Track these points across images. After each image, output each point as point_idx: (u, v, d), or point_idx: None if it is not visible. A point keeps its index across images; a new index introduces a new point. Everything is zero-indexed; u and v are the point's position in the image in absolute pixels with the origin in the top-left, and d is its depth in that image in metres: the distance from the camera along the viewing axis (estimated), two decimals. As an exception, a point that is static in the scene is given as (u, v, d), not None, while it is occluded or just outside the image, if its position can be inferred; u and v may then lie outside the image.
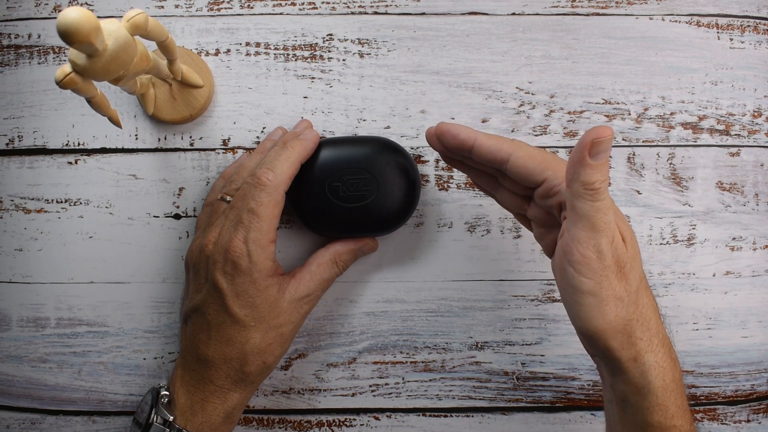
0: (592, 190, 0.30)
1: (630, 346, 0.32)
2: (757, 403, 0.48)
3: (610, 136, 0.29)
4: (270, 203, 0.39)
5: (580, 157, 0.30)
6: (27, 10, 0.47)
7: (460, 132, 0.35)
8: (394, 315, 0.47)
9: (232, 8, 0.47)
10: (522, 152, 0.34)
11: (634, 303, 0.32)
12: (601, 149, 0.29)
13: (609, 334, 0.32)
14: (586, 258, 0.31)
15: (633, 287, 0.32)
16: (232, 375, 0.39)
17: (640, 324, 0.32)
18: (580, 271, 0.32)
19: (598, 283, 0.31)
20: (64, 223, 0.47)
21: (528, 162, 0.34)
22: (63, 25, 0.27)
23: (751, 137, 0.47)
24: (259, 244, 0.39)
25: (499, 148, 0.35)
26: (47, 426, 0.47)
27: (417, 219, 0.47)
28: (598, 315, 0.32)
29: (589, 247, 0.31)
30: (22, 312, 0.47)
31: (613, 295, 0.32)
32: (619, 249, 0.32)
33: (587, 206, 0.31)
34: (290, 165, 0.40)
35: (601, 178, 0.30)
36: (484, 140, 0.35)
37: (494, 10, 0.47)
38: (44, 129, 0.47)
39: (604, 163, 0.30)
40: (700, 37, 0.47)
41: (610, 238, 0.31)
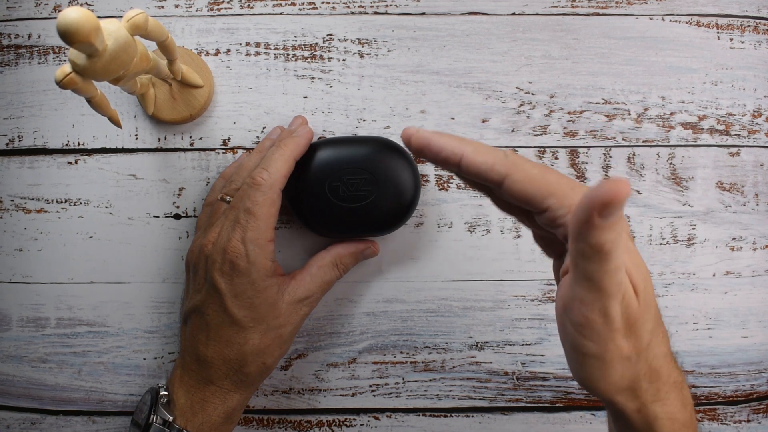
0: (601, 252, 0.25)
1: (634, 400, 0.29)
2: (757, 403, 0.48)
3: (627, 194, 0.22)
4: (266, 202, 0.39)
5: (588, 217, 0.24)
6: (27, 10, 0.47)
7: (444, 147, 0.29)
8: (394, 315, 0.47)
9: (232, 8, 0.47)
10: (519, 174, 0.28)
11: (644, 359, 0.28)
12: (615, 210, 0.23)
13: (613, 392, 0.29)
14: (590, 321, 0.27)
15: (644, 343, 0.28)
16: (231, 375, 0.39)
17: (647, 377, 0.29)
18: (582, 333, 0.27)
19: (602, 347, 0.27)
20: (64, 223, 0.47)
21: (527, 187, 0.28)
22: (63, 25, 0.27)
23: (751, 137, 0.47)
24: (257, 243, 0.39)
25: (490, 168, 0.28)
26: (47, 426, 0.47)
27: (417, 219, 0.47)
28: (601, 378, 0.28)
29: (594, 311, 0.26)
30: (22, 312, 0.47)
31: (619, 356, 0.28)
32: (630, 307, 0.27)
33: (594, 268, 0.25)
34: (284, 163, 0.40)
35: (612, 237, 0.24)
36: (473, 156, 0.28)
37: (494, 10, 0.47)
38: (44, 129, 0.47)
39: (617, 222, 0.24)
40: (700, 37, 0.47)
41: (619, 299, 0.26)
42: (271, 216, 0.39)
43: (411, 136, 0.29)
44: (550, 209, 0.28)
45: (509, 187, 0.28)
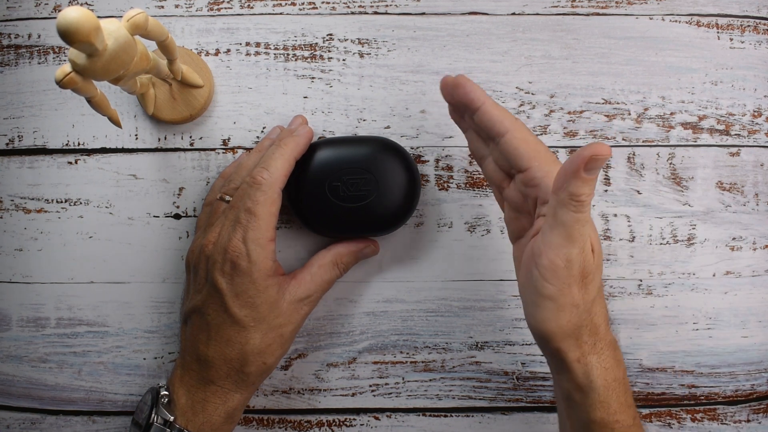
0: (578, 201, 0.31)
1: (576, 348, 0.34)
2: (757, 403, 0.48)
3: (607, 155, 0.29)
4: (266, 202, 0.39)
5: (575, 168, 0.30)
6: (27, 10, 0.47)
7: (473, 90, 0.36)
8: (394, 315, 0.47)
9: (232, 8, 0.47)
10: (519, 133, 0.35)
11: (588, 311, 0.34)
12: (597, 165, 0.30)
13: (559, 337, 0.33)
14: (555, 265, 0.32)
15: (590, 296, 0.33)
16: (232, 375, 0.39)
17: (588, 329, 0.34)
18: (545, 276, 0.33)
19: (559, 290, 0.32)
20: (64, 223, 0.47)
21: (520, 145, 0.34)
22: (63, 24, 0.27)
23: (751, 137, 0.47)
24: (258, 243, 0.39)
25: (500, 121, 0.35)
26: (47, 426, 0.47)
27: (417, 219, 0.47)
28: (552, 319, 0.33)
29: (559, 255, 0.32)
30: (22, 312, 0.47)
31: (571, 302, 0.33)
32: (587, 260, 0.33)
33: (569, 216, 0.31)
34: (284, 162, 0.40)
35: (588, 191, 0.31)
36: (491, 107, 0.35)
37: (494, 10, 0.47)
38: (44, 129, 0.47)
39: (594, 178, 0.30)
40: (700, 37, 0.47)
41: (581, 248, 0.32)
42: (272, 215, 0.39)
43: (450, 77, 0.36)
44: (531, 169, 0.34)
45: (507, 139, 0.35)
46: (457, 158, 0.47)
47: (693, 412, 0.48)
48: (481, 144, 0.38)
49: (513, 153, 0.35)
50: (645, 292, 0.47)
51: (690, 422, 0.48)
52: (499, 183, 0.38)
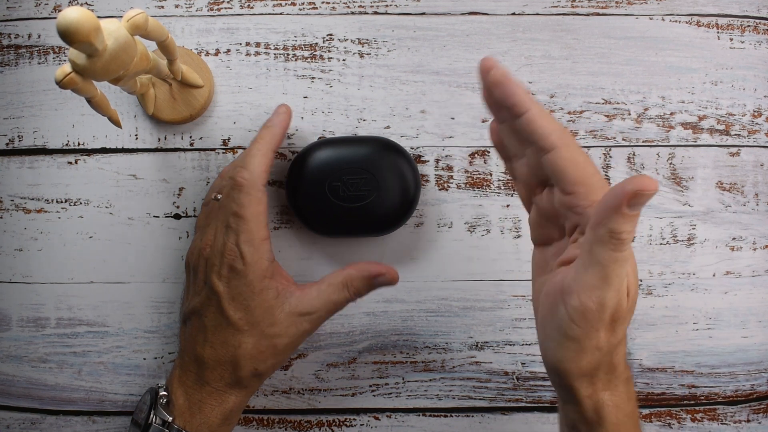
0: (618, 240, 0.28)
1: (589, 386, 0.32)
2: (757, 403, 0.48)
3: (654, 189, 0.26)
4: (251, 203, 0.39)
5: (617, 203, 0.27)
6: (27, 10, 0.47)
7: (516, 93, 0.31)
8: (394, 315, 0.47)
9: (232, 8, 0.47)
10: (567, 152, 0.30)
11: (610, 353, 0.31)
12: (642, 201, 0.26)
13: (575, 376, 0.31)
14: (585, 308, 0.29)
15: (616, 340, 0.31)
16: (226, 378, 0.39)
17: (606, 368, 0.32)
18: (573, 317, 0.30)
19: (585, 334, 0.30)
20: (64, 223, 0.47)
21: (568, 166, 0.30)
22: (63, 25, 0.27)
23: (751, 137, 0.47)
24: (252, 244, 0.39)
25: (548, 135, 0.30)
26: (47, 426, 0.47)
27: (417, 219, 0.47)
28: (572, 360, 0.31)
29: (592, 297, 0.29)
30: (22, 312, 0.47)
31: (595, 345, 0.30)
32: (621, 303, 0.30)
33: (607, 255, 0.28)
34: (262, 157, 0.40)
35: (630, 229, 0.27)
36: (537, 117, 0.31)
37: (494, 10, 0.47)
38: (44, 129, 0.47)
39: (637, 215, 0.27)
40: (700, 37, 0.47)
41: (617, 291, 0.29)
42: (260, 214, 0.39)
43: (491, 68, 0.31)
44: (576, 195, 0.30)
45: (553, 158, 0.31)
46: (457, 158, 0.47)
47: (693, 412, 0.48)
48: (515, 143, 0.34)
49: (558, 174, 0.31)
50: (645, 292, 0.47)
51: (690, 422, 0.48)
52: (528, 184, 0.34)
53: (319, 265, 0.47)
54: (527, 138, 0.32)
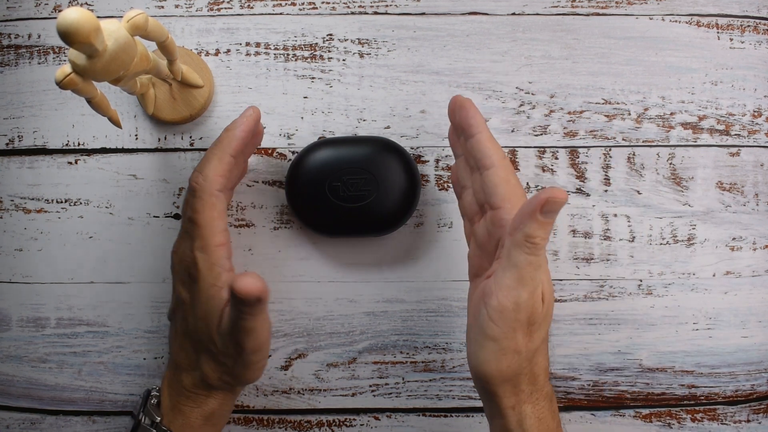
0: (532, 244, 0.31)
1: (512, 395, 0.34)
2: (757, 403, 0.48)
3: (563, 199, 0.29)
4: (204, 208, 0.38)
5: (532, 210, 0.30)
6: (27, 10, 0.47)
7: (474, 116, 0.36)
8: (394, 315, 0.47)
9: (232, 8, 0.47)
10: (503, 172, 0.35)
11: (529, 359, 0.33)
12: (553, 209, 0.30)
13: (497, 381, 0.33)
14: (503, 306, 0.32)
15: (534, 345, 0.33)
16: (197, 382, 0.39)
17: (527, 378, 0.34)
18: (492, 316, 0.32)
19: (504, 333, 0.32)
20: (64, 223, 0.47)
21: (500, 183, 0.35)
22: (63, 25, 0.27)
23: (751, 137, 0.47)
24: (205, 251, 0.38)
25: (489, 154, 0.35)
26: (47, 426, 0.47)
27: (417, 219, 0.47)
28: (493, 361, 0.33)
29: (509, 297, 0.32)
30: (22, 312, 0.47)
31: (513, 347, 0.33)
32: (536, 307, 0.32)
33: (522, 258, 0.31)
34: (218, 162, 0.38)
35: (543, 235, 0.31)
36: (485, 139, 0.36)
37: (494, 10, 0.47)
38: (44, 129, 0.47)
39: (550, 222, 0.30)
40: (700, 37, 0.47)
41: (531, 293, 0.32)
42: (214, 219, 0.38)
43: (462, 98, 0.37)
44: (502, 210, 0.34)
45: (490, 175, 0.35)
46: (457, 158, 0.47)
47: (693, 412, 0.48)
48: (466, 173, 0.38)
49: (491, 189, 0.35)
50: (645, 292, 0.47)
51: (690, 422, 0.48)
52: (471, 216, 0.38)
53: (319, 265, 0.47)
54: (474, 158, 0.36)
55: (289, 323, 0.47)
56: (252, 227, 0.47)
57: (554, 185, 0.47)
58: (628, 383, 0.47)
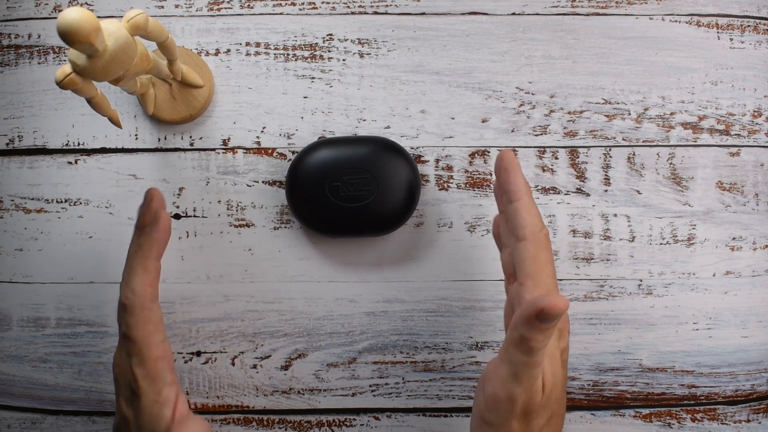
0: (528, 347, 0.30)
1: None
2: (757, 403, 0.48)
3: (562, 310, 0.28)
4: (138, 323, 0.36)
5: (528, 315, 0.29)
6: (27, 10, 0.47)
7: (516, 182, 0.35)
8: (394, 315, 0.47)
9: (232, 8, 0.47)
10: (533, 247, 0.34)
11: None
12: (550, 318, 0.28)
13: None
14: (497, 398, 0.32)
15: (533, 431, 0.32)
16: None
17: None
18: (488, 403, 0.32)
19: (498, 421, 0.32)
20: (64, 223, 0.47)
21: (527, 258, 0.34)
22: (63, 25, 0.27)
23: (751, 137, 0.47)
24: (144, 366, 0.36)
25: (524, 226, 0.34)
26: (47, 426, 0.47)
27: (417, 219, 0.47)
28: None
29: (503, 390, 0.31)
30: (23, 312, 0.47)
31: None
32: (533, 398, 0.31)
33: (518, 357, 0.30)
34: (144, 272, 0.37)
35: (540, 338, 0.29)
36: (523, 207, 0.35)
37: (494, 10, 0.47)
38: (44, 129, 0.47)
39: (549, 328, 0.29)
40: (700, 37, 0.47)
41: (527, 388, 0.31)
42: (149, 334, 0.36)
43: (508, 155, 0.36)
44: (524, 287, 0.33)
45: (519, 249, 0.34)
46: (457, 158, 0.47)
47: (693, 412, 0.48)
48: (505, 232, 0.37)
49: (519, 263, 0.34)
50: (645, 292, 0.47)
51: (690, 422, 0.48)
52: (508, 275, 0.37)
53: (319, 265, 0.47)
54: (510, 224, 0.35)
55: (289, 323, 0.47)
56: (252, 227, 0.47)
57: (554, 183, 0.47)
58: (628, 383, 0.48)
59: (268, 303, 0.47)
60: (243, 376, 0.47)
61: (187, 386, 0.47)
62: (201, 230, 0.47)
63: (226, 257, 0.47)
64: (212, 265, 0.47)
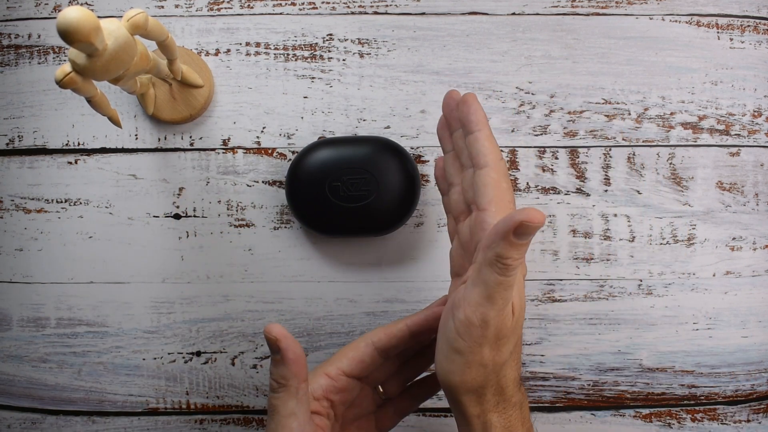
0: (503, 264, 0.29)
1: (477, 405, 0.33)
2: (757, 403, 0.48)
3: (540, 223, 0.28)
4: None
5: (506, 230, 0.28)
6: (27, 10, 0.47)
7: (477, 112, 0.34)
8: (394, 315, 0.47)
9: (232, 8, 0.47)
10: (495, 174, 0.33)
11: (496, 372, 0.32)
12: (528, 232, 0.28)
13: (461, 391, 0.32)
14: (469, 322, 0.31)
15: (501, 359, 0.32)
16: None
17: (493, 389, 0.33)
18: (458, 330, 0.31)
19: (469, 348, 0.31)
20: (64, 223, 0.47)
21: (490, 183, 0.33)
22: (63, 24, 0.27)
23: (751, 137, 0.47)
24: None
25: (486, 153, 0.33)
26: (47, 426, 0.47)
27: (417, 219, 0.47)
28: (457, 373, 0.32)
29: (476, 314, 0.30)
30: (23, 312, 0.47)
31: (479, 361, 0.31)
32: (504, 322, 0.31)
33: (492, 277, 0.30)
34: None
35: (516, 256, 0.29)
36: (485, 137, 0.34)
37: (494, 10, 0.47)
38: (44, 129, 0.47)
39: (525, 244, 0.29)
40: (700, 37, 0.47)
41: (499, 311, 0.30)
42: None
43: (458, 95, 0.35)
44: (486, 212, 0.32)
45: (482, 175, 0.33)
46: (457, 158, 0.47)
47: (693, 412, 0.48)
48: (455, 170, 0.37)
49: (480, 189, 0.33)
50: (645, 292, 0.47)
51: (690, 422, 0.48)
52: (457, 214, 0.37)
53: (319, 265, 0.47)
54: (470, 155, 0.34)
55: (289, 323, 0.47)
56: (252, 227, 0.47)
57: (554, 183, 0.47)
58: (628, 383, 0.47)
59: (268, 303, 0.47)
60: (243, 376, 0.47)
61: (188, 386, 0.47)
62: (201, 230, 0.47)
63: (226, 257, 0.47)
64: (212, 265, 0.47)
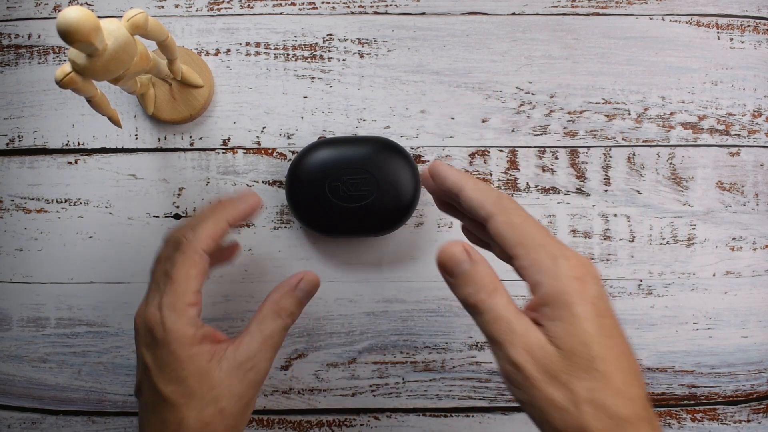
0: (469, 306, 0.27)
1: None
2: (757, 403, 0.48)
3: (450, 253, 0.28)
4: (185, 264, 0.34)
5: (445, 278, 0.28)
6: (27, 10, 0.47)
7: (448, 175, 0.33)
8: (394, 315, 0.47)
9: (232, 8, 0.47)
10: (502, 217, 0.31)
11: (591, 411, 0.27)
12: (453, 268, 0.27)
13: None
14: (506, 372, 0.28)
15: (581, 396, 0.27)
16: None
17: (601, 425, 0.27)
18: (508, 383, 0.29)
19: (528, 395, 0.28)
20: (64, 223, 0.47)
21: (505, 230, 0.31)
22: (63, 24, 0.27)
23: (751, 137, 0.47)
24: (174, 308, 0.34)
25: (480, 206, 0.32)
26: (47, 426, 0.47)
27: (417, 219, 0.47)
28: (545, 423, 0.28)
29: (503, 360, 0.28)
30: (23, 312, 0.47)
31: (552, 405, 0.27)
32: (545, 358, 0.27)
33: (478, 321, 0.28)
34: (212, 224, 0.36)
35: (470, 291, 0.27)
36: (470, 192, 0.32)
37: (494, 10, 0.47)
38: (44, 129, 0.47)
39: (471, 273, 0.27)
40: (700, 37, 0.47)
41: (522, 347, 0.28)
42: (191, 278, 0.35)
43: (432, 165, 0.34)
44: (516, 257, 0.30)
45: (491, 228, 0.31)
46: (457, 158, 0.47)
47: (693, 412, 0.48)
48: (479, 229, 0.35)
49: (499, 240, 0.31)
50: (645, 292, 0.47)
51: (690, 422, 0.48)
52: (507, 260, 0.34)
53: (319, 265, 0.47)
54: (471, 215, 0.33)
55: (289, 323, 0.47)
56: (252, 227, 0.47)
57: (554, 183, 0.47)
58: (628, 383, 0.47)
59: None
60: (243, 376, 0.47)
61: (187, 386, 0.47)
62: (201, 230, 0.47)
63: (226, 257, 0.47)
64: (212, 265, 0.47)
